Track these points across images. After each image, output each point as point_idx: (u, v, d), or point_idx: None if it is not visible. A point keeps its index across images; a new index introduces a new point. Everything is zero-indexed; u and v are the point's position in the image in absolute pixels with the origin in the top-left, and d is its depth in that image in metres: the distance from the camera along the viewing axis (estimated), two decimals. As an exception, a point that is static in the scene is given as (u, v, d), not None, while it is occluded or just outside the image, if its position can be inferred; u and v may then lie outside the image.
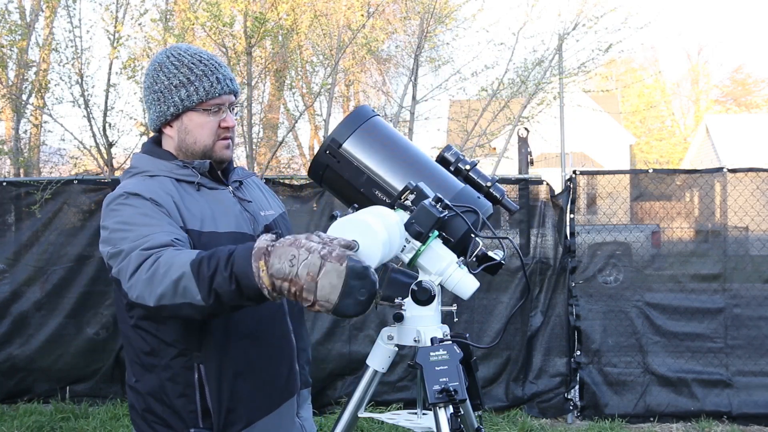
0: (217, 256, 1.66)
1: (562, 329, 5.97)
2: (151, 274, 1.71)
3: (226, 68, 2.11)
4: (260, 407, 2.05)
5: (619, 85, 24.16)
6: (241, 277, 1.62)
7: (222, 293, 1.64)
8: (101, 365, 6.12)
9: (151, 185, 1.98)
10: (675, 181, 6.32)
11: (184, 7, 8.08)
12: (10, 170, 9.37)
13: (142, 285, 1.72)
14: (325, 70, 9.21)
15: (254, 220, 2.12)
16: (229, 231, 2.01)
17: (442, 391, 1.86)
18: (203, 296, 1.66)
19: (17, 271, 6.21)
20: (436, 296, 2.02)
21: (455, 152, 2.24)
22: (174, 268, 1.68)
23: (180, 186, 2.03)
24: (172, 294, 1.68)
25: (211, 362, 1.97)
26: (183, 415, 1.99)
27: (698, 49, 55.62)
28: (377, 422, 5.31)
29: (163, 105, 2.06)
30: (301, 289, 1.57)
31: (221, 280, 1.63)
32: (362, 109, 2.22)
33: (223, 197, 2.09)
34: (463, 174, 2.20)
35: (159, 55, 2.11)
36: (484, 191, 2.18)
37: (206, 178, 2.08)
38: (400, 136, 2.26)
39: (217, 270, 1.64)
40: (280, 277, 1.58)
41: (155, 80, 2.07)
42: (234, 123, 2.10)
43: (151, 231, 1.81)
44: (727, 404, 5.74)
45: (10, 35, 8.03)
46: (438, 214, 1.91)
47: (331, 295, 1.56)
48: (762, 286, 5.91)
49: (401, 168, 2.11)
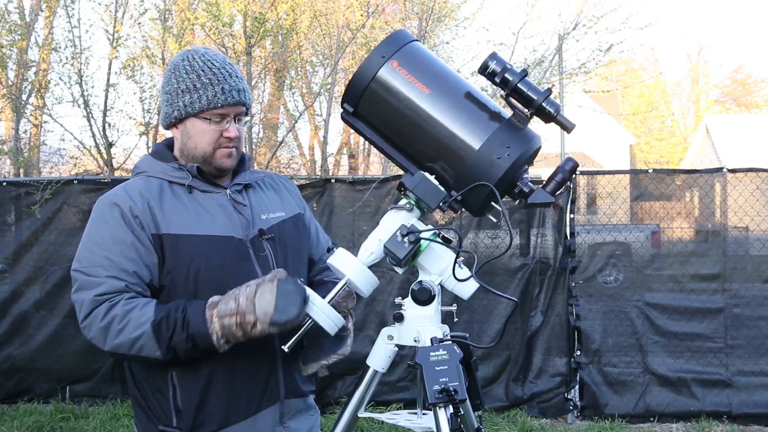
0: (173, 318, 1.89)
1: (562, 329, 5.97)
2: (106, 325, 1.91)
3: (236, 79, 2.10)
4: (233, 412, 2.05)
5: (620, 86, 24.16)
6: (196, 336, 1.88)
7: (179, 350, 1.90)
8: (101, 365, 6.12)
9: (135, 188, 2.05)
10: (675, 181, 6.32)
11: (183, 7, 8.07)
12: (10, 170, 9.36)
13: (97, 331, 1.93)
14: (325, 70, 9.21)
15: (249, 224, 2.11)
16: (214, 234, 2.03)
17: (442, 391, 1.86)
18: (162, 353, 1.90)
19: (17, 271, 6.21)
20: (436, 296, 2.01)
21: (501, 60, 1.96)
22: (130, 327, 1.89)
23: (171, 188, 2.07)
24: (128, 347, 1.91)
25: (185, 362, 1.99)
26: (157, 411, 2.05)
27: (698, 49, 55.66)
28: (377, 422, 5.31)
29: (169, 107, 2.10)
30: (244, 314, 1.85)
31: (178, 340, 1.88)
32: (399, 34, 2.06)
33: (215, 200, 2.10)
34: (511, 85, 1.93)
35: (177, 57, 2.15)
36: (536, 105, 1.92)
37: (200, 181, 2.10)
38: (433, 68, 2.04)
39: (175, 331, 1.88)
40: (226, 315, 1.86)
41: (168, 81, 2.12)
42: (236, 134, 2.10)
43: (107, 268, 1.94)
44: (727, 404, 5.74)
45: (10, 35, 8.03)
46: (404, 252, 1.95)
47: (267, 308, 1.84)
48: (762, 286, 5.91)
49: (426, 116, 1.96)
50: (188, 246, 2.00)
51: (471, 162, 1.92)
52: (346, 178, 6.48)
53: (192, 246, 2.00)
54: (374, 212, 6.11)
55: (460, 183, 1.95)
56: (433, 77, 1.99)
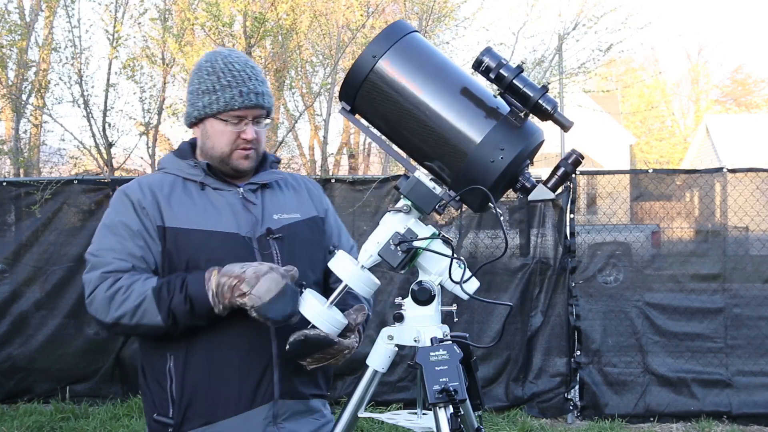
0: (174, 282, 1.97)
1: (562, 329, 5.96)
2: (110, 295, 1.99)
3: (256, 82, 2.15)
4: (221, 408, 2.07)
5: (619, 85, 24.16)
6: (194, 296, 1.94)
7: (178, 314, 1.96)
8: (101, 365, 6.12)
9: (148, 182, 2.15)
10: (675, 181, 6.32)
11: (183, 7, 8.08)
12: (10, 170, 9.37)
13: (100, 302, 2.00)
14: (324, 70, 9.21)
15: (258, 222, 2.15)
16: (217, 230, 2.10)
17: (442, 391, 1.86)
18: (163, 317, 1.96)
19: (17, 271, 6.21)
20: (436, 296, 2.01)
21: (496, 55, 1.89)
22: (134, 295, 1.97)
23: (184, 184, 2.15)
24: (131, 316, 1.98)
25: (180, 354, 2.08)
26: (157, 401, 2.12)
27: (698, 49, 55.54)
28: (377, 422, 5.31)
29: (190, 107, 2.18)
30: (242, 281, 1.90)
31: (177, 302, 1.95)
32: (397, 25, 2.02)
33: (225, 198, 2.15)
34: (505, 82, 1.87)
35: (202, 57, 2.22)
36: (532, 103, 1.87)
37: (212, 179, 2.16)
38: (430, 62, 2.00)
39: (174, 293, 1.95)
40: (226, 275, 1.93)
41: (191, 81, 2.20)
42: (253, 136, 2.14)
43: (117, 251, 2.05)
44: (727, 404, 5.74)
45: (10, 35, 8.03)
46: (397, 260, 1.96)
47: (265, 295, 1.89)
48: (762, 286, 5.91)
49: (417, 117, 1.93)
50: (190, 240, 2.07)
51: (465, 165, 1.90)
52: (346, 178, 6.48)
53: (194, 240, 2.07)
54: (374, 212, 6.11)
55: (457, 184, 1.94)
56: (427, 75, 1.95)
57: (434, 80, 1.95)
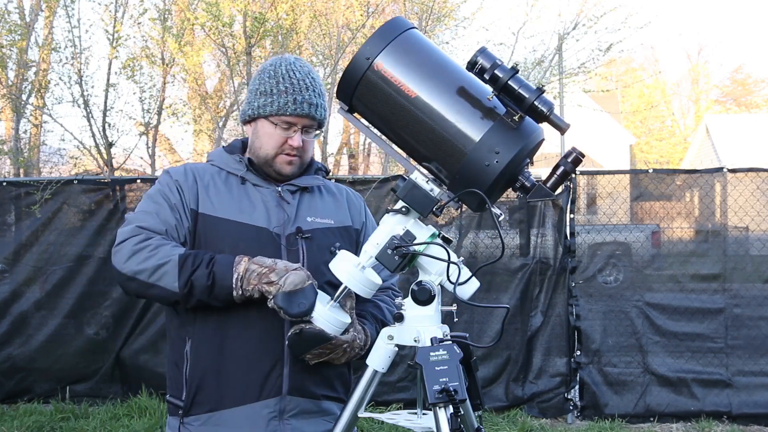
0: (201, 256, 2.03)
1: (562, 329, 5.97)
2: (138, 249, 2.04)
3: (313, 93, 2.20)
4: (227, 397, 2.11)
5: (619, 85, 24.16)
6: (217, 275, 1.99)
7: (197, 286, 2.00)
8: (101, 365, 6.12)
9: (192, 169, 2.26)
10: (675, 181, 6.32)
11: (183, 7, 8.08)
12: (10, 170, 9.38)
13: (126, 252, 2.04)
14: (325, 70, 9.21)
15: (290, 221, 2.19)
16: (247, 223, 2.16)
17: (442, 391, 1.86)
18: (180, 285, 2.00)
19: (17, 271, 6.21)
20: (436, 296, 2.01)
21: (490, 56, 1.84)
22: (159, 255, 2.02)
23: (226, 177, 2.24)
24: (149, 274, 2.02)
25: (196, 339, 2.14)
26: (173, 381, 2.18)
27: (698, 49, 55.50)
28: (377, 422, 5.31)
29: (247, 105, 2.27)
30: (272, 271, 1.97)
31: (200, 275, 1.99)
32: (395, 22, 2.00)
33: (262, 195, 2.21)
34: (500, 84, 1.82)
35: (269, 60, 2.31)
36: (527, 105, 1.83)
37: (252, 175, 2.23)
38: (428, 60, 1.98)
39: (199, 266, 2.00)
40: (258, 264, 1.99)
41: (253, 81, 2.28)
42: (299, 144, 2.19)
43: (154, 215, 2.13)
44: (727, 404, 5.74)
45: (10, 35, 8.04)
46: (394, 264, 1.98)
47: (290, 287, 1.95)
48: (762, 286, 5.91)
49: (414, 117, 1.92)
50: (218, 228, 2.14)
51: (462, 167, 1.90)
52: (346, 178, 6.48)
53: (222, 229, 2.14)
54: (374, 212, 6.06)
55: (454, 185, 1.94)
56: (423, 75, 1.93)
57: (430, 80, 1.93)
